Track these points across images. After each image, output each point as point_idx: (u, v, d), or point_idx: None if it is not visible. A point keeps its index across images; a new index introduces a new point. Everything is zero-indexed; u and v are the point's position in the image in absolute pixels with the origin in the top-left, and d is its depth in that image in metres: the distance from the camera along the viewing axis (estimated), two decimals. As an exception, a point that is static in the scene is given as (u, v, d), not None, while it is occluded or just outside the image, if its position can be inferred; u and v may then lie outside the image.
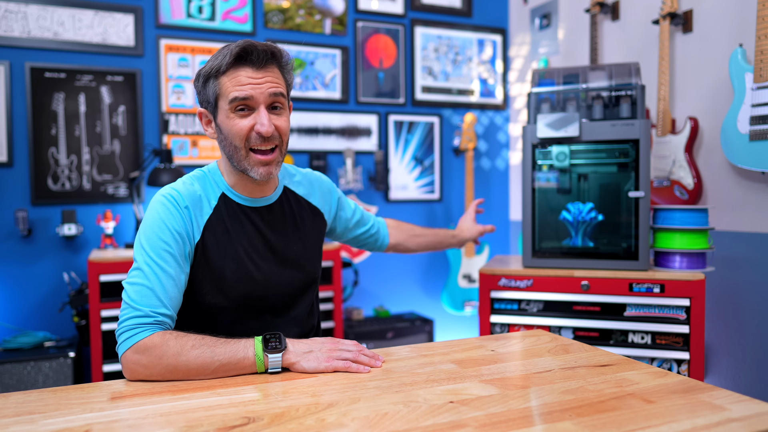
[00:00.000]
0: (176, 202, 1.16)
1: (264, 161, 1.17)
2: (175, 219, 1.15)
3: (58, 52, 2.77)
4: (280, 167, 1.24)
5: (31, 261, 2.74)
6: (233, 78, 1.14)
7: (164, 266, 1.11)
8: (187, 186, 1.20)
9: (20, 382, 2.35)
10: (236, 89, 1.14)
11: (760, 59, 2.00)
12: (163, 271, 1.10)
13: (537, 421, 0.83)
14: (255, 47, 1.14)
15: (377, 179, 3.32)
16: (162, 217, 1.14)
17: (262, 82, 1.15)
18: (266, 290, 1.24)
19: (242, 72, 1.14)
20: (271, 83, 1.16)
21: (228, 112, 1.16)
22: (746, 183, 2.22)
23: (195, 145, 3.02)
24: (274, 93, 1.16)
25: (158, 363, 1.01)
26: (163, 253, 1.11)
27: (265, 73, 1.15)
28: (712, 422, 0.81)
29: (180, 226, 1.15)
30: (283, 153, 1.21)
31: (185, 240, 1.15)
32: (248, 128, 1.16)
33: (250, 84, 1.14)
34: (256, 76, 1.14)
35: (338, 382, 1.01)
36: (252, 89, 1.14)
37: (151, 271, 1.10)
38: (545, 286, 2.03)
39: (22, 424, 0.83)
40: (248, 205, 1.24)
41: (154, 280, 1.09)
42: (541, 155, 2.12)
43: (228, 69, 1.15)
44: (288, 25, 3.19)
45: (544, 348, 1.23)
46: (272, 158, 1.18)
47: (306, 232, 1.33)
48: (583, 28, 3.06)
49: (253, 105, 1.15)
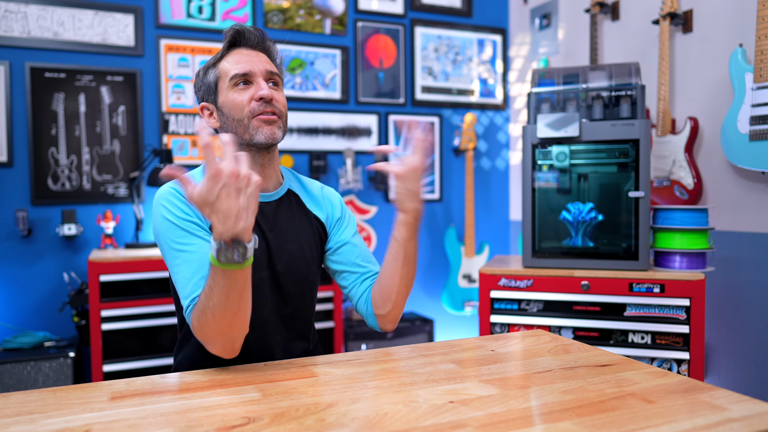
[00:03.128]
0: (178, 192, 1.18)
1: (267, 120, 1.21)
2: (183, 204, 1.16)
3: (58, 52, 2.77)
4: (283, 136, 1.25)
5: (31, 261, 2.74)
6: (232, 58, 1.24)
7: (188, 249, 1.11)
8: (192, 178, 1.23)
9: (20, 382, 2.35)
10: (235, 67, 1.22)
11: (760, 59, 2.00)
12: (189, 255, 1.11)
13: (537, 421, 0.83)
14: (245, 29, 1.25)
15: (377, 179, 3.32)
16: (170, 206, 1.15)
17: (258, 61, 1.24)
18: (258, 284, 1.23)
19: (239, 52, 1.25)
20: (266, 62, 1.25)
21: (228, 90, 1.23)
22: (746, 183, 2.22)
23: (195, 145, 3.02)
24: (270, 71, 1.24)
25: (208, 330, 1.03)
26: (185, 236, 1.13)
27: (259, 53, 1.26)
28: (712, 422, 0.81)
29: (188, 208, 1.16)
30: (284, 124, 1.25)
31: (199, 216, 1.15)
32: (249, 98, 1.21)
33: (248, 61, 1.23)
34: (252, 54, 1.25)
35: (338, 382, 1.01)
36: (249, 65, 1.22)
37: (181, 257, 1.11)
38: (545, 286, 2.03)
39: (22, 424, 0.83)
40: None
41: (184, 268, 1.10)
42: (541, 155, 2.12)
43: (225, 53, 1.25)
44: (288, 25, 3.19)
45: (544, 348, 1.23)
46: (275, 118, 1.22)
47: (304, 234, 1.31)
48: (583, 28, 3.06)
49: (251, 79, 1.23)
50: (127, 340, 2.45)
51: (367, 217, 3.28)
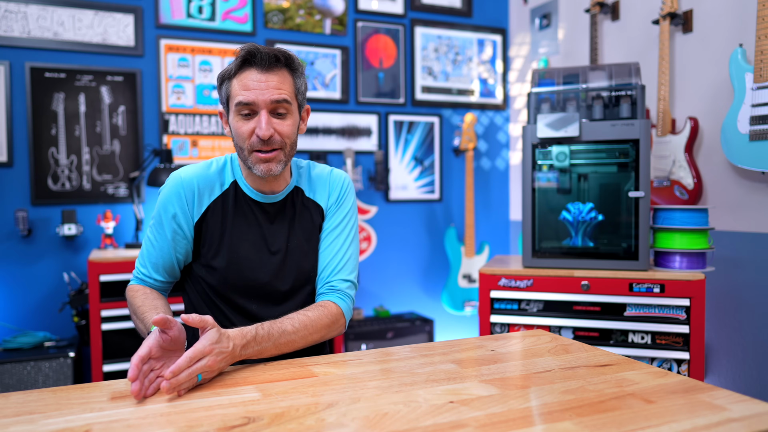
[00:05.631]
0: (181, 186, 1.27)
1: (264, 158, 1.23)
2: (175, 202, 1.27)
3: (58, 52, 2.77)
4: (284, 166, 1.26)
5: (31, 261, 2.74)
6: (241, 81, 1.21)
7: (156, 239, 1.30)
8: (203, 168, 1.31)
9: (20, 382, 2.35)
10: (241, 93, 1.20)
11: (760, 59, 2.00)
12: (155, 241, 1.30)
13: (537, 421, 0.83)
14: (258, 50, 1.20)
15: (377, 179, 3.32)
16: (167, 198, 1.28)
17: (265, 87, 1.20)
18: (256, 280, 1.29)
19: (249, 75, 1.20)
20: (276, 89, 1.20)
21: (235, 114, 1.23)
22: (746, 183, 2.22)
23: (195, 145, 3.02)
24: (276, 100, 1.21)
25: (130, 311, 1.29)
26: (158, 228, 1.29)
27: (269, 77, 1.20)
28: (712, 422, 0.81)
29: (178, 208, 1.27)
30: (286, 154, 1.26)
31: (180, 221, 1.28)
32: (250, 131, 1.22)
33: (255, 89, 1.19)
34: (261, 79, 1.20)
35: (338, 382, 1.01)
36: (255, 95, 1.19)
37: (148, 240, 1.32)
38: (545, 286, 2.03)
39: (22, 424, 0.83)
40: (254, 198, 1.30)
41: (148, 247, 1.31)
42: (541, 155, 2.12)
43: (237, 72, 1.22)
44: (288, 25, 3.19)
45: (544, 348, 1.23)
46: (272, 156, 1.23)
47: (306, 231, 1.35)
48: (583, 28, 3.06)
49: (255, 109, 1.21)
50: (127, 340, 2.45)
51: (367, 217, 3.28)
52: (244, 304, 1.30)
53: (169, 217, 1.27)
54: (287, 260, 1.31)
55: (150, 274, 1.32)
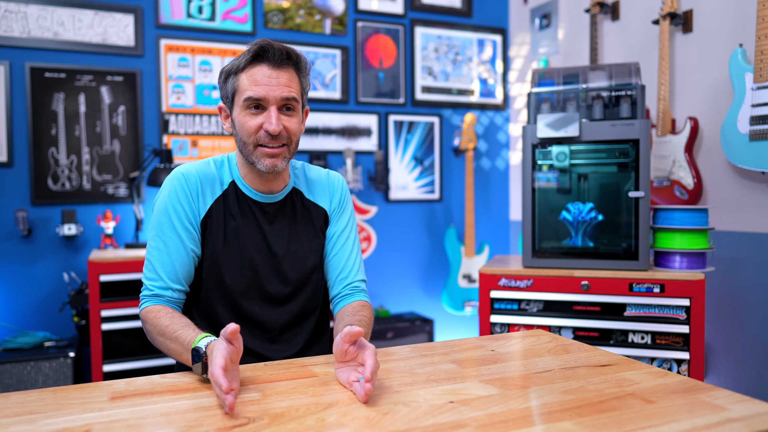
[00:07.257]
0: (185, 180, 1.25)
1: (270, 153, 1.22)
2: (181, 198, 1.24)
3: (58, 52, 2.77)
4: (288, 163, 1.27)
5: (31, 261, 2.74)
6: (251, 76, 1.20)
7: (167, 241, 1.23)
8: (203, 166, 1.29)
9: (20, 382, 2.35)
10: (251, 88, 1.20)
11: (760, 59, 2.00)
12: (166, 246, 1.23)
13: (537, 421, 0.83)
14: (272, 46, 1.20)
15: (377, 179, 3.32)
16: (170, 197, 1.24)
17: (276, 84, 1.20)
18: (257, 280, 1.28)
19: (259, 70, 1.20)
20: (285, 86, 1.21)
21: (242, 109, 1.22)
22: (746, 183, 2.22)
23: (195, 145, 3.02)
24: (286, 97, 1.21)
25: (150, 333, 1.19)
26: (166, 230, 1.24)
27: (280, 74, 1.21)
28: (712, 422, 0.81)
29: (186, 203, 1.24)
30: (291, 151, 1.26)
31: (189, 216, 1.25)
32: (257, 126, 1.21)
33: (266, 85, 1.19)
34: (272, 75, 1.20)
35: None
36: (266, 90, 1.19)
37: (156, 249, 1.24)
38: (545, 286, 2.03)
39: (22, 424, 0.83)
40: (253, 198, 1.30)
41: (158, 256, 1.23)
42: (541, 155, 2.12)
43: (246, 66, 1.21)
44: (288, 25, 3.19)
45: (544, 348, 1.23)
46: (279, 152, 1.23)
47: (307, 232, 1.34)
48: (583, 28, 3.06)
49: (265, 105, 1.21)
50: (127, 340, 2.45)
51: (367, 217, 3.28)
52: (246, 306, 1.28)
53: (177, 214, 1.23)
54: (289, 262, 1.31)
55: (167, 285, 1.22)
